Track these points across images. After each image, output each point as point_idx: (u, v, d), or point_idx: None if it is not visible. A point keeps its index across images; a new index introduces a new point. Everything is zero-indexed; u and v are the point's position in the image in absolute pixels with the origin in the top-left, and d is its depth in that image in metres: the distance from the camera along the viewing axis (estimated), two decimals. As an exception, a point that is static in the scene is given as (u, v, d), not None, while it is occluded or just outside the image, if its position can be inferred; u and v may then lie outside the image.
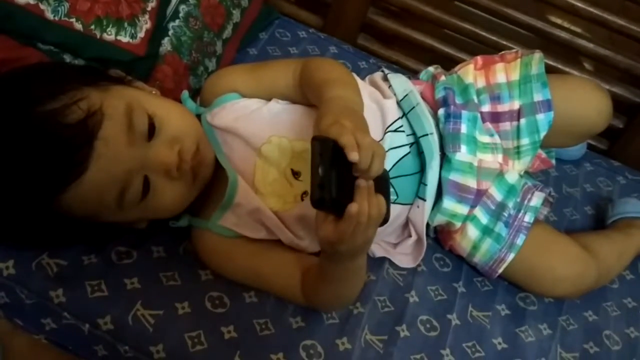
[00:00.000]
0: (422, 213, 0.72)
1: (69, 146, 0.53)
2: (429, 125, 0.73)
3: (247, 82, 0.71)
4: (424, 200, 0.72)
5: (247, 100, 0.70)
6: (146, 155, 0.58)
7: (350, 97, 0.61)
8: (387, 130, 0.71)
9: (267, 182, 0.66)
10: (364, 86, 0.76)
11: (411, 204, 0.73)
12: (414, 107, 0.74)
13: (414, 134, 0.73)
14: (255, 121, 0.67)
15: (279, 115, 0.68)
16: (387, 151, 0.70)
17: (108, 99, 0.57)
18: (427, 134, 0.72)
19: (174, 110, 0.64)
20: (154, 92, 0.66)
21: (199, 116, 0.69)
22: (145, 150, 0.58)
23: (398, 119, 0.73)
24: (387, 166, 0.70)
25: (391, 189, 0.71)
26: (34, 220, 0.57)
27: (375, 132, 0.71)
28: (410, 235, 0.75)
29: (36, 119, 0.53)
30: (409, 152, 0.72)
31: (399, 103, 0.75)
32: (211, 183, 0.66)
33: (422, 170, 0.73)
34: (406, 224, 0.75)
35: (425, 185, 0.72)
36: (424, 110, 0.74)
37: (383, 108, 0.72)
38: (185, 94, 0.71)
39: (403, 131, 0.73)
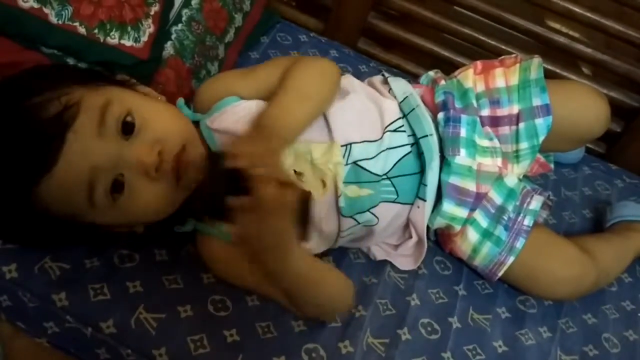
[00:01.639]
0: (423, 213, 0.73)
1: (41, 138, 0.54)
2: (429, 126, 0.73)
3: (245, 84, 0.71)
4: (424, 200, 0.73)
5: (248, 102, 0.70)
6: (122, 153, 0.58)
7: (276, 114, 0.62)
8: (386, 129, 0.72)
9: None
10: (362, 87, 0.76)
11: (411, 204, 0.74)
12: (413, 109, 0.74)
13: (414, 135, 0.74)
14: None
15: None
16: (385, 150, 0.71)
17: (91, 95, 0.57)
18: (426, 135, 0.73)
19: (164, 113, 0.63)
20: (159, 98, 0.66)
21: (196, 123, 0.69)
22: (121, 147, 0.58)
23: (398, 119, 0.73)
24: (388, 166, 0.71)
25: (391, 188, 0.71)
26: (16, 216, 0.58)
27: (373, 130, 0.71)
28: (410, 237, 0.76)
29: (18, 112, 0.55)
30: (409, 152, 0.73)
31: (399, 105, 0.76)
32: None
33: (422, 171, 0.73)
34: (407, 225, 0.76)
35: (426, 185, 0.72)
36: (423, 111, 0.75)
37: (381, 107, 0.73)
38: (180, 101, 0.69)
39: (404, 131, 0.73)
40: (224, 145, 0.54)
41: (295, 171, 0.66)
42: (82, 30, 0.68)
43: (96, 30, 0.69)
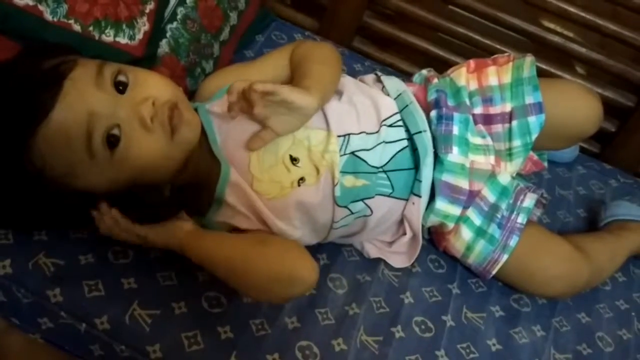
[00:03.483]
0: (418, 210, 0.73)
1: (37, 84, 0.56)
2: (423, 122, 0.74)
3: (251, 72, 0.73)
4: (419, 196, 0.73)
5: None
6: (118, 103, 0.59)
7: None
8: (383, 123, 0.72)
9: (263, 168, 0.66)
10: (355, 84, 0.77)
11: (406, 200, 0.74)
12: (407, 106, 0.75)
13: (407, 131, 0.74)
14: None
15: None
16: (382, 143, 0.71)
17: (86, 58, 0.61)
18: (420, 132, 0.73)
19: (155, 76, 0.65)
20: None
21: (194, 110, 0.69)
22: (117, 99, 0.59)
23: (395, 114, 0.74)
24: (384, 159, 0.72)
25: (387, 182, 0.72)
26: (9, 179, 0.58)
27: (370, 123, 0.72)
28: (404, 233, 0.76)
29: (23, 68, 0.58)
30: (406, 147, 0.73)
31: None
32: (206, 178, 0.66)
33: (417, 167, 0.73)
34: (401, 221, 0.76)
35: (420, 181, 0.72)
36: (417, 108, 0.75)
37: (377, 102, 0.74)
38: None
39: (401, 126, 0.74)
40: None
41: (291, 156, 0.67)
42: (77, 27, 0.68)
43: (91, 28, 0.69)
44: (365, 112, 0.72)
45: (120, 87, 0.60)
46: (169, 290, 0.66)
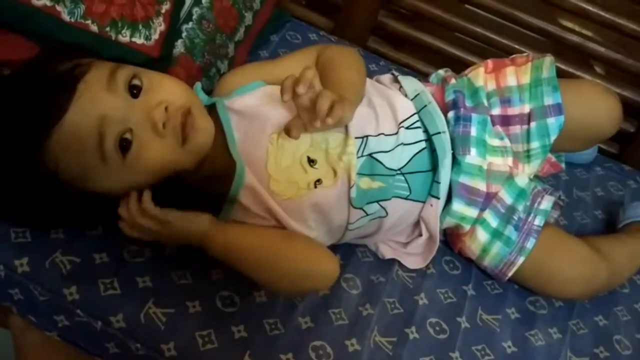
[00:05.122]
0: (436, 212, 0.73)
1: (52, 87, 0.57)
2: (442, 123, 0.73)
3: (271, 71, 0.73)
4: (438, 198, 0.72)
5: (273, 87, 0.70)
6: (130, 108, 0.59)
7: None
8: (401, 125, 0.72)
9: (280, 168, 0.66)
10: (371, 85, 0.77)
11: (423, 202, 0.73)
12: (425, 106, 0.74)
13: (426, 131, 0.74)
14: (280, 106, 0.67)
15: None
16: (400, 145, 0.71)
17: (101, 61, 0.62)
18: (439, 132, 0.72)
19: (170, 80, 0.65)
20: None
21: (212, 106, 0.70)
22: (130, 103, 0.60)
23: (413, 115, 0.73)
24: (403, 161, 0.71)
25: (404, 184, 0.71)
26: (23, 180, 0.58)
27: (388, 125, 0.71)
28: (420, 235, 0.75)
29: (39, 70, 0.59)
30: (424, 149, 0.73)
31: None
32: (220, 176, 0.66)
33: (434, 168, 0.73)
34: (417, 222, 0.76)
35: (439, 183, 0.72)
36: (435, 108, 0.74)
37: (393, 104, 0.73)
38: (197, 85, 0.72)
39: (419, 127, 0.73)
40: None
41: (309, 157, 0.67)
42: (94, 28, 0.69)
43: (108, 28, 0.70)
44: (383, 114, 0.72)
45: (135, 91, 0.61)
46: (183, 289, 0.66)
